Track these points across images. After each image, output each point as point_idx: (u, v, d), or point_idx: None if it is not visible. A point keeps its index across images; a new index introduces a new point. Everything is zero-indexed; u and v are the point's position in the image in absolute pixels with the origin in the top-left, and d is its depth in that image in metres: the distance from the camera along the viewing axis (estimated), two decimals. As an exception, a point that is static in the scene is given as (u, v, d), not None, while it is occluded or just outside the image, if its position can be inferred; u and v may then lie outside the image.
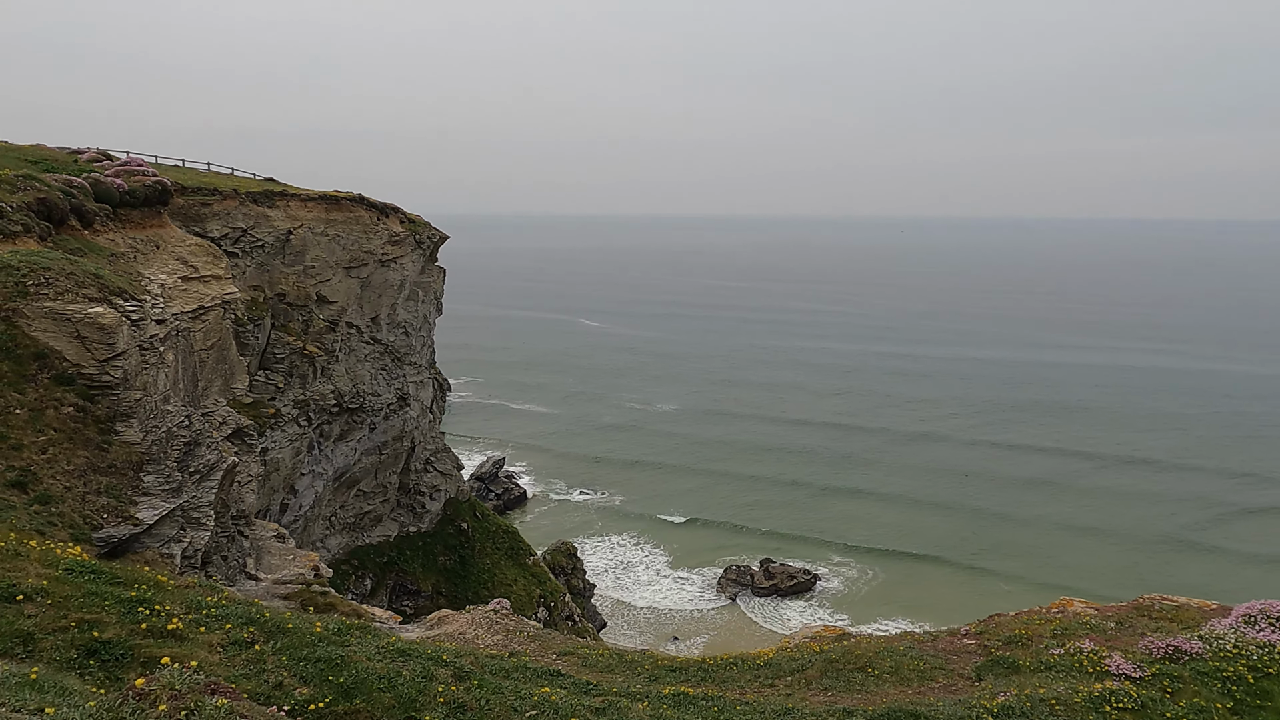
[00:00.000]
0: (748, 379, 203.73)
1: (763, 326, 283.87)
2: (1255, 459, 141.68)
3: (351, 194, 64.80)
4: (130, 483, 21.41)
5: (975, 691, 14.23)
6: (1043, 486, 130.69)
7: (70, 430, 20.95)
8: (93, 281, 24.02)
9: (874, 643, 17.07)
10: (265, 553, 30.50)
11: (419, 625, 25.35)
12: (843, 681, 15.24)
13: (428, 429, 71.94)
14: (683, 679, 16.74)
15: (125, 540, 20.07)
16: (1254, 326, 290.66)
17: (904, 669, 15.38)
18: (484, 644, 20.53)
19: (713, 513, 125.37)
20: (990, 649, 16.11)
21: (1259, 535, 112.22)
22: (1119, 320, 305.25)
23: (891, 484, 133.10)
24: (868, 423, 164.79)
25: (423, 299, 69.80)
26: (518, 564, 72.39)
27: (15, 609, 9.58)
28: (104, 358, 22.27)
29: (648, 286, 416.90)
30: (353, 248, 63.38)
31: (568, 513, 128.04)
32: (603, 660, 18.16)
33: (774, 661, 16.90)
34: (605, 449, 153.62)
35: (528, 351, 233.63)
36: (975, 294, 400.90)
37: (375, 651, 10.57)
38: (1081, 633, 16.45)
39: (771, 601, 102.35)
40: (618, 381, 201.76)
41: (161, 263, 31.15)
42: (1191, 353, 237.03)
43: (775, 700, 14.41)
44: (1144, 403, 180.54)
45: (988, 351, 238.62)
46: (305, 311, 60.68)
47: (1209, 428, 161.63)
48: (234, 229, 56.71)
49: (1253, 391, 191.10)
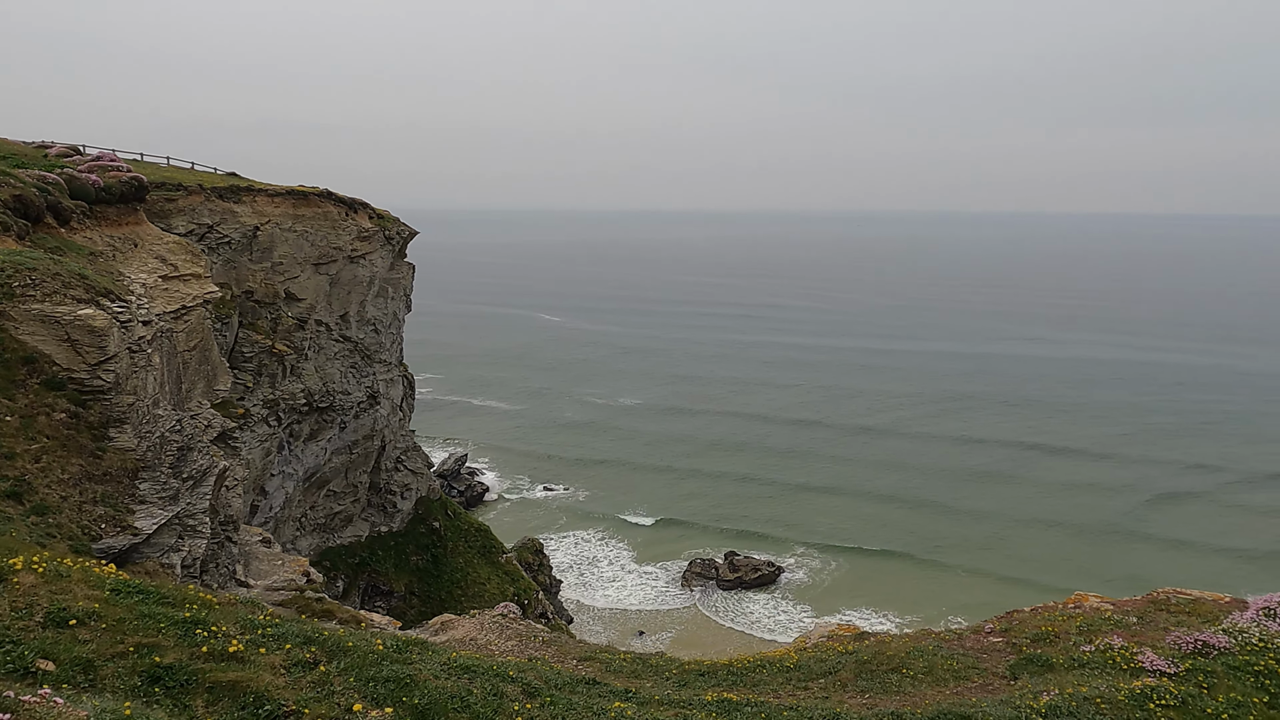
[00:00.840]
0: (708, 374, 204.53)
1: (722, 320, 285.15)
2: (1198, 448, 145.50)
3: (319, 189, 63.63)
4: (126, 491, 20.71)
5: (1014, 691, 14.27)
6: (998, 478, 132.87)
7: (63, 437, 20.18)
8: (79, 282, 23.16)
9: (902, 642, 17.06)
10: (253, 558, 29.77)
11: (422, 631, 24.90)
12: (878, 683, 15.21)
13: (398, 427, 71.01)
14: (714, 683, 16.59)
15: (125, 551, 19.41)
16: (1201, 319, 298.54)
17: (938, 669, 15.40)
18: (498, 650, 20.19)
19: (676, 507, 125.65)
20: (1019, 647, 16.20)
21: (1195, 521, 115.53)
22: (1069, 312, 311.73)
23: (852, 478, 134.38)
24: (827, 417, 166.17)
25: (392, 295, 68.81)
26: (490, 562, 71.80)
27: (70, 634, 9.11)
28: (95, 361, 21.49)
29: (607, 281, 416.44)
30: (321, 244, 62.22)
31: (531, 509, 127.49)
32: (627, 665, 17.93)
33: (803, 663, 16.81)
34: (568, 445, 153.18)
35: (488, 347, 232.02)
36: (926, 287, 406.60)
37: (440, 669, 10.24)
38: (1106, 628, 16.61)
39: (736, 594, 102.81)
40: (579, 377, 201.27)
41: (141, 261, 30.22)
42: (1137, 344, 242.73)
43: (818, 705, 14.32)
44: (1091, 393, 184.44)
45: (942, 344, 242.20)
46: (274, 309, 59.46)
47: (1161, 416, 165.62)
48: (200, 225, 55.38)
49: (1197, 380, 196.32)
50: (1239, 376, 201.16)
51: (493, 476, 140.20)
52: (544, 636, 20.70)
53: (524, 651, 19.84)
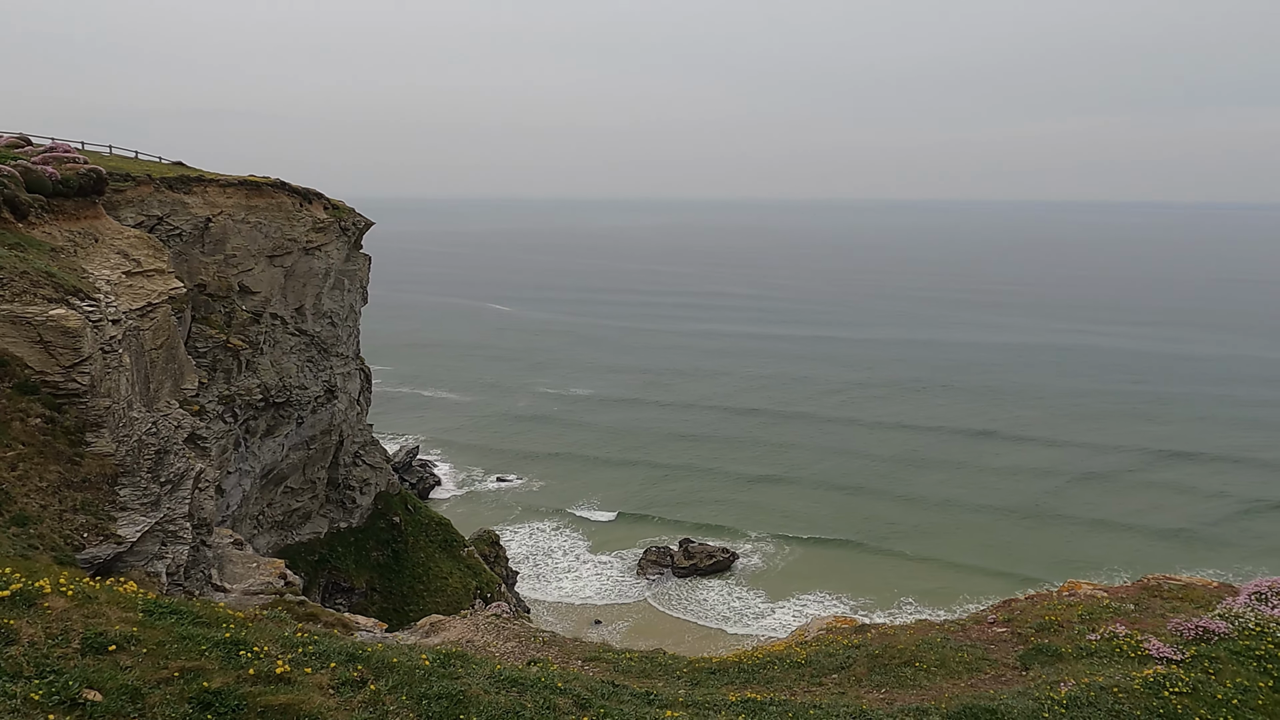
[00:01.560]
0: (659, 363, 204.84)
1: (671, 309, 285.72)
2: (1121, 429, 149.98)
3: (272, 179, 62.12)
4: (106, 497, 19.98)
5: (1029, 682, 14.50)
6: (939, 464, 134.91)
7: (40, 443, 19.36)
8: (47, 280, 22.22)
9: (908, 635, 17.23)
10: (226, 561, 29.01)
11: (410, 633, 24.52)
12: (893, 677, 15.33)
13: (356, 421, 69.86)
14: (727, 681, 16.57)
15: (110, 560, 18.73)
16: (1138, 303, 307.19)
17: (950, 661, 15.57)
18: (497, 652, 19.92)
19: (631, 497, 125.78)
20: (1026, 637, 16.46)
21: (1111, 500, 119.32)
22: (1010, 298, 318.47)
23: (798, 465, 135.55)
24: (775, 405, 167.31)
25: (348, 287, 67.56)
26: (452, 556, 71.15)
27: (110, 660, 8.70)
28: (69, 363, 20.66)
29: (555, 270, 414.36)
30: (275, 235, 60.80)
31: (485, 501, 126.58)
32: (635, 665, 17.82)
33: (812, 658, 16.87)
34: (521, 435, 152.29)
35: (437, 338, 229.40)
36: (866, 274, 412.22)
37: (488, 683, 9.99)
38: (1107, 616, 16.97)
39: (691, 581, 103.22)
40: (531, 367, 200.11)
41: (103, 257, 29.16)
42: (1075, 329, 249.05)
43: (839, 702, 14.37)
44: (1023, 377, 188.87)
45: (883, 331, 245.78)
46: (227, 303, 57.97)
47: (1089, 399, 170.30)
48: (149, 217, 53.68)
49: (1125, 364, 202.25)
50: (1169, 360, 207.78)
51: (445, 468, 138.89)
52: (544, 637, 20.50)
53: (525, 653, 19.62)
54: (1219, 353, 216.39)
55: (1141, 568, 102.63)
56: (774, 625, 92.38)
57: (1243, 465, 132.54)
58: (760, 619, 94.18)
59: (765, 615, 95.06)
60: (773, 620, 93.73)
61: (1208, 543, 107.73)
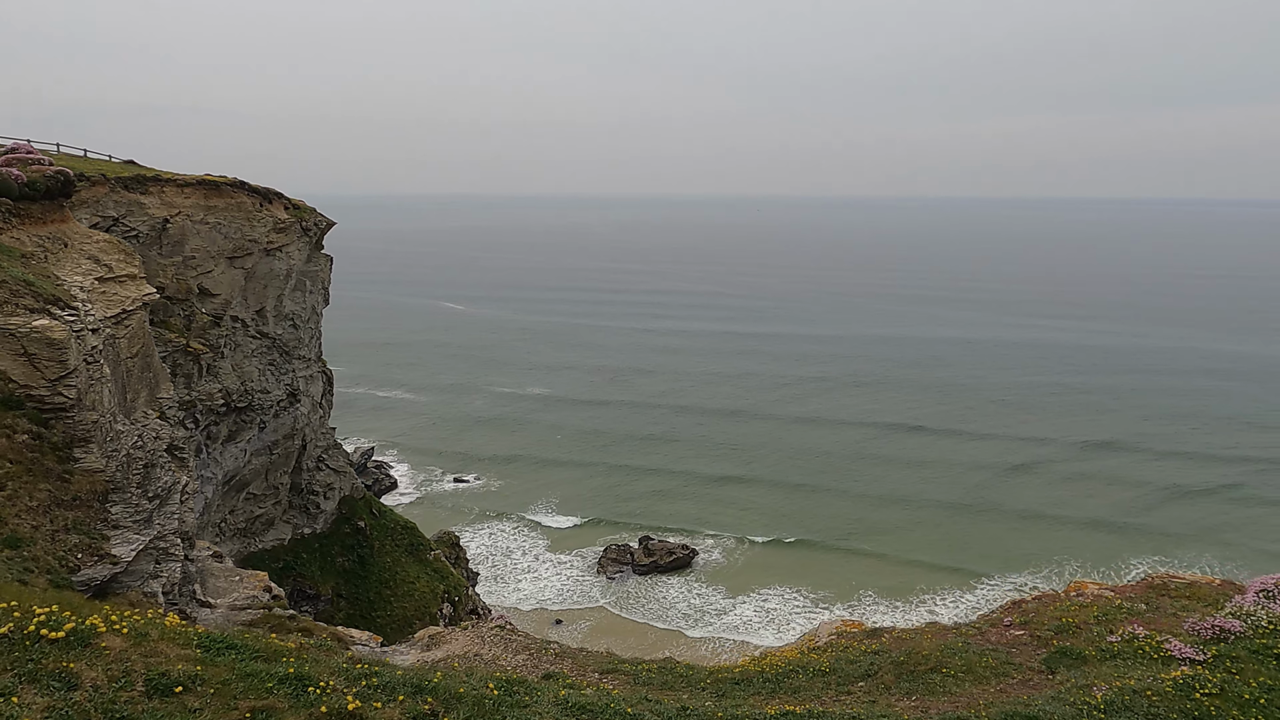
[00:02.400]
0: (614, 361, 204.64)
1: (626, 307, 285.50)
2: (1047, 423, 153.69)
3: (231, 178, 60.58)
4: (97, 515, 19.22)
5: (1058, 686, 14.60)
6: (877, 459, 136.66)
7: (28, 461, 18.54)
8: (26, 290, 21.30)
9: (930, 640, 17.26)
10: (208, 575, 28.14)
11: (409, 646, 24.02)
12: (922, 685, 15.34)
13: (318, 425, 68.54)
14: (753, 691, 16.45)
15: (106, 582, 18.00)
16: (1072, 298, 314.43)
17: (976, 667, 15.63)
18: (510, 666, 19.58)
19: (589, 496, 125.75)
20: (1045, 640, 16.61)
21: (1040, 492, 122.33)
22: (967, 294, 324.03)
23: (751, 463, 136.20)
24: (731, 405, 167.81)
25: (310, 289, 66.20)
26: (419, 560, 70.22)
27: (179, 703, 8.26)
28: (55, 376, 19.82)
29: (506, 268, 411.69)
30: (235, 236, 59.29)
31: (442, 502, 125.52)
32: (655, 676, 17.63)
33: (836, 666, 16.82)
34: (477, 435, 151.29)
35: (390, 337, 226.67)
36: (823, 271, 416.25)
37: (558, 710, 9.74)
38: (1121, 617, 17.19)
39: (652, 579, 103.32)
40: (487, 366, 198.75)
41: (74, 263, 28.13)
42: (1020, 324, 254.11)
43: (875, 713, 14.34)
44: (973, 371, 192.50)
45: (839, 328, 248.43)
46: (187, 306, 56.42)
47: (1037, 394, 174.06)
48: (104, 218, 52.04)
49: (1069, 359, 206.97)
50: (1104, 354, 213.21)
51: (402, 469, 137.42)
52: (554, 648, 20.19)
53: (538, 666, 19.31)
54: (1167, 345, 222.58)
55: (1090, 557, 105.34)
56: (735, 622, 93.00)
57: (1178, 456, 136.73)
58: (722, 615, 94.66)
59: (727, 611, 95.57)
60: (734, 617, 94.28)
61: (1142, 531, 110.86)
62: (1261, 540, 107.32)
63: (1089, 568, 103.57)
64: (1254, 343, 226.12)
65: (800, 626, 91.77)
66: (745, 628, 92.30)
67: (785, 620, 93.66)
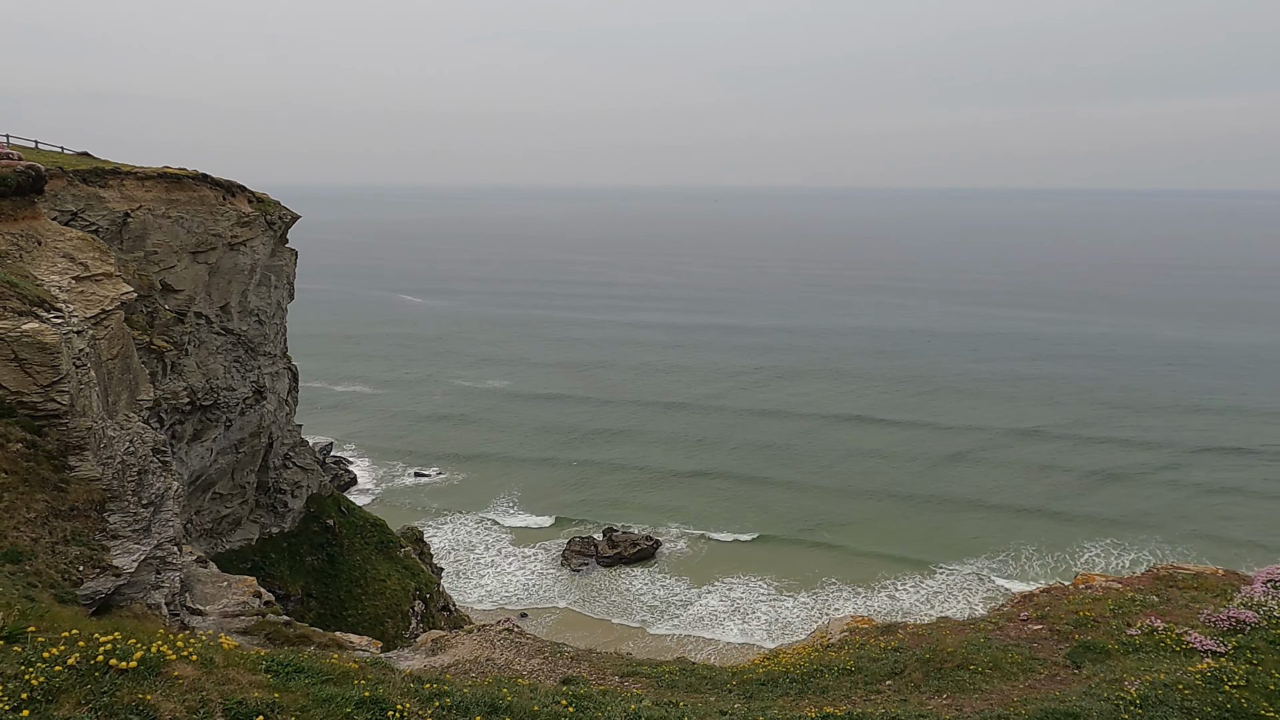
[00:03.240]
0: (574, 354, 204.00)
1: (583, 300, 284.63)
2: (978, 410, 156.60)
3: (193, 171, 59.14)
4: (95, 525, 18.57)
5: (1086, 681, 14.79)
6: (822, 452, 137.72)
7: (24, 470, 17.84)
8: (10, 291, 20.50)
9: (951, 637, 17.38)
10: (195, 581, 27.46)
11: (412, 651, 23.64)
12: (950, 681, 15.44)
13: (285, 422, 67.34)
14: (781, 692, 16.43)
15: (110, 594, 17.41)
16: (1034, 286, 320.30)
17: (1003, 663, 15.78)
18: (525, 670, 19.35)
19: (551, 488, 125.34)
20: (1065, 634, 16.83)
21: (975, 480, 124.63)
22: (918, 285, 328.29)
23: (711, 460, 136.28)
24: (687, 399, 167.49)
25: (275, 284, 64.92)
26: (389, 557, 69.41)
27: (262, 735, 7.97)
28: (47, 382, 19.10)
29: (468, 260, 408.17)
30: (198, 230, 57.89)
31: (404, 497, 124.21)
32: (678, 678, 17.53)
33: (860, 665, 16.87)
34: (438, 429, 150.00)
35: (347, 330, 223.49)
36: (778, 260, 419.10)
37: (627, 722, 9.60)
38: (1136, 610, 17.49)
39: (616, 571, 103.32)
40: (445, 359, 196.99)
41: (49, 262, 27.17)
42: (977, 313, 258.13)
43: (909, 710, 14.39)
44: (919, 362, 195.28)
45: (786, 320, 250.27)
46: (149, 302, 54.98)
47: (974, 382, 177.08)
48: (63, 212, 50.52)
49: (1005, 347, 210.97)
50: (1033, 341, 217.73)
51: (361, 465, 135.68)
52: (568, 651, 19.98)
53: (555, 670, 19.11)
54: (1111, 332, 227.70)
55: (1045, 540, 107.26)
56: (701, 612, 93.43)
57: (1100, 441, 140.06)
58: (688, 606, 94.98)
59: (693, 602, 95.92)
60: (699, 608, 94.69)
61: (1089, 515, 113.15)
62: (1201, 524, 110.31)
63: (1044, 551, 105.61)
64: (1194, 330, 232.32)
65: (764, 615, 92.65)
66: (711, 619, 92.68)
67: (750, 609, 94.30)
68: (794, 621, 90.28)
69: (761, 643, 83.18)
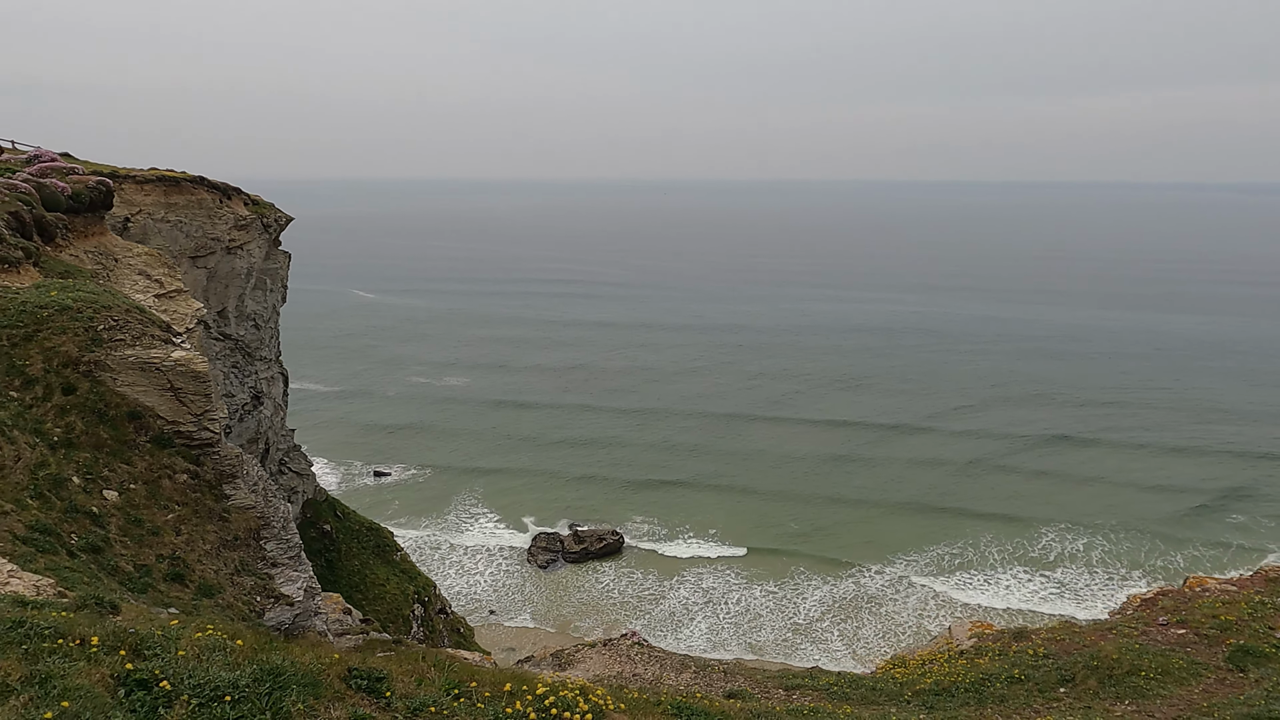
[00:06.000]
0: (531, 351, 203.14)
1: (533, 293, 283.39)
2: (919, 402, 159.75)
3: (191, 175, 57.85)
4: (257, 554, 18.58)
5: (1263, 685, 15.92)
6: (776, 455, 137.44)
7: (193, 502, 17.75)
8: (144, 318, 20.23)
9: (1108, 644, 18.40)
10: (284, 600, 27.28)
11: (532, 665, 24.01)
12: (1127, 688, 16.44)
13: (280, 427, 66.35)
14: (959, 701, 17.23)
15: (290, 624, 17.47)
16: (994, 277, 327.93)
17: (1171, 668, 16.85)
18: (678, 684, 19.91)
19: (512, 484, 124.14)
20: (1212, 638, 17.98)
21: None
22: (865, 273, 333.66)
23: (672, 465, 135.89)
24: (640, 403, 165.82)
25: (270, 287, 63.87)
26: (386, 561, 68.91)
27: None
28: (200, 411, 19.00)
29: (420, 255, 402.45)
30: (198, 235, 56.70)
31: (363, 497, 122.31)
32: (849, 690, 18.24)
33: (1028, 674, 17.76)
34: (396, 426, 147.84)
35: (299, 325, 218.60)
36: (730, 254, 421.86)
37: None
38: (1267, 612, 18.77)
39: (584, 566, 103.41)
40: (401, 356, 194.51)
41: (130, 280, 26.75)
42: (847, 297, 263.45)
43: (1089, 717, 15.32)
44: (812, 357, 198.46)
45: (739, 317, 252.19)
46: (151, 308, 53.78)
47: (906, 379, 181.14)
48: (65, 217, 49.09)
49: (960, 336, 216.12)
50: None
51: (319, 465, 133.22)
52: (718, 666, 20.56)
53: (710, 684, 19.64)
54: (1021, 318, 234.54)
55: (999, 531, 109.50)
56: (674, 606, 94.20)
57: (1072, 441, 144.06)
58: (661, 600, 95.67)
59: (667, 594, 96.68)
60: (674, 600, 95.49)
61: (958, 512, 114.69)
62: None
63: (1002, 539, 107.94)
64: (1094, 317, 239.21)
65: (736, 603, 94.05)
66: (684, 612, 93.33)
67: (721, 599, 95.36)
68: (763, 614, 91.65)
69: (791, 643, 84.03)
